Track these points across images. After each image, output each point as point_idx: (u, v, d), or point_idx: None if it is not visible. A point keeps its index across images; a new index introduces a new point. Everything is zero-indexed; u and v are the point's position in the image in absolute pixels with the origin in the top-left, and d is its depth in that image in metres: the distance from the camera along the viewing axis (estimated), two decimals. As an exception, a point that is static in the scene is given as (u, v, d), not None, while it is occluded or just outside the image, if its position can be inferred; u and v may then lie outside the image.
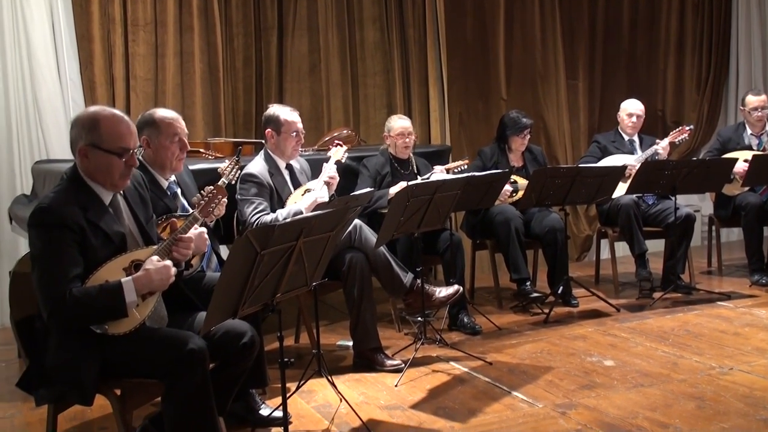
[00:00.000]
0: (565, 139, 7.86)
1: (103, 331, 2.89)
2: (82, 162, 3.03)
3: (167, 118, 3.82)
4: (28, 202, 5.41)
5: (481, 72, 7.56)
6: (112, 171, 3.03)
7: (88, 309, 2.84)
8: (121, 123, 3.05)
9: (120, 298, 2.87)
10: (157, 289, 2.99)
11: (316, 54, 7.00)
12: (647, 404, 3.85)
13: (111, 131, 3.02)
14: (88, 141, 3.00)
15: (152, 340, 2.98)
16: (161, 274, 2.97)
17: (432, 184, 4.49)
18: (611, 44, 8.18)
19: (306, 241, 3.08)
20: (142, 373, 3.02)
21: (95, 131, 3.00)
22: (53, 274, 2.84)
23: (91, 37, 6.13)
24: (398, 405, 4.02)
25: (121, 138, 3.03)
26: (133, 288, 2.90)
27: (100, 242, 2.98)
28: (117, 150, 3.01)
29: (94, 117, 3.03)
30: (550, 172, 5.45)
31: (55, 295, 2.82)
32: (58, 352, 2.92)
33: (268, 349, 4.82)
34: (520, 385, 4.21)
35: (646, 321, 5.38)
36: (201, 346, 2.96)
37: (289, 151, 4.75)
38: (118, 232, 3.05)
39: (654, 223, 6.10)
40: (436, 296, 4.63)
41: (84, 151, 3.01)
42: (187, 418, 2.96)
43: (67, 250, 2.88)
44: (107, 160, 3.01)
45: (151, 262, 2.98)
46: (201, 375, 2.95)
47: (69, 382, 2.92)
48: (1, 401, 4.36)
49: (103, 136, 3.00)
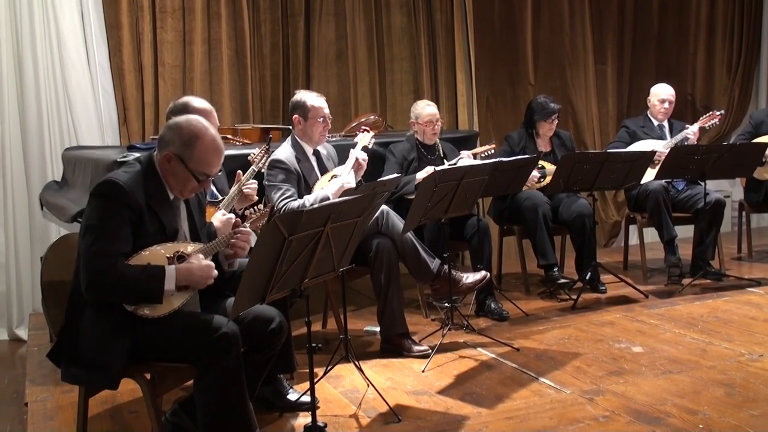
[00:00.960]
0: (594, 124, 7.79)
1: (134, 310, 2.93)
2: (163, 164, 3.09)
3: (199, 109, 3.89)
4: (58, 188, 5.46)
5: (508, 56, 7.51)
6: (186, 185, 3.11)
7: (127, 285, 2.89)
8: (216, 153, 3.10)
9: (160, 284, 2.92)
10: (195, 285, 3.04)
11: (343, 40, 6.99)
12: (676, 391, 3.82)
13: (204, 158, 3.07)
14: (177, 152, 3.06)
15: (185, 324, 3.01)
16: (203, 271, 3.02)
17: (459, 169, 4.47)
18: (640, 27, 8.08)
19: (333, 227, 3.09)
20: (174, 357, 3.05)
21: (190, 149, 3.05)
22: (103, 246, 2.89)
23: (119, 24, 6.17)
24: (425, 390, 4.02)
25: (209, 166, 3.09)
26: (174, 277, 2.95)
27: (154, 230, 3.04)
28: (200, 175, 3.08)
29: (194, 135, 3.07)
30: (578, 157, 5.40)
31: (99, 266, 2.87)
32: (90, 333, 2.96)
33: (296, 334, 4.84)
34: (547, 371, 4.20)
35: (675, 307, 5.34)
36: (234, 330, 2.99)
37: (317, 136, 4.75)
38: (173, 227, 3.12)
39: (683, 209, 6.04)
40: (463, 282, 4.63)
41: (169, 157, 3.07)
42: (219, 402, 2.99)
43: (122, 226, 2.94)
44: (186, 176, 3.08)
45: (197, 258, 3.04)
46: (234, 359, 2.98)
47: (97, 364, 2.96)
48: (34, 385, 4.42)
49: (194, 158, 3.06)
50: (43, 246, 5.64)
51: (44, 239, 5.83)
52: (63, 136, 5.96)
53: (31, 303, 5.92)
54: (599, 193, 7.24)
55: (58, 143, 5.94)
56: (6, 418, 4.31)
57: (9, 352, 5.68)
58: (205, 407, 3.00)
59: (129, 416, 3.91)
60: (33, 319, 5.74)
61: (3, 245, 5.90)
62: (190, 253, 3.07)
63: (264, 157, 4.05)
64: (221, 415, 3.00)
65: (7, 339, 5.89)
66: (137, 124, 6.24)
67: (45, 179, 5.84)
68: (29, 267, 5.89)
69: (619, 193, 7.78)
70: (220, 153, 3.12)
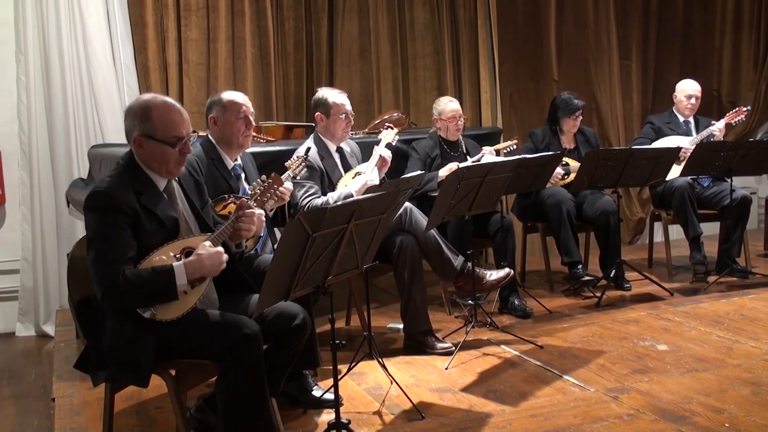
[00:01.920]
0: (618, 121, 7.74)
1: (151, 316, 2.91)
2: (138, 151, 3.08)
3: (234, 97, 4.06)
4: (84, 185, 5.51)
5: (532, 52, 7.47)
6: (167, 159, 3.07)
7: (139, 290, 2.87)
8: (173, 111, 3.07)
9: (171, 281, 2.89)
10: (207, 274, 2.99)
11: (366, 36, 7.00)
12: (701, 389, 3.80)
13: (163, 121, 3.04)
14: (141, 131, 3.04)
15: (206, 324, 3.01)
16: (213, 259, 2.98)
17: (483, 166, 4.46)
18: (665, 22, 8.00)
19: (357, 224, 3.09)
20: (197, 355, 3.06)
21: (148, 121, 3.04)
22: (107, 256, 2.89)
23: (144, 22, 6.21)
24: (449, 388, 4.03)
25: (174, 127, 3.06)
26: (184, 272, 2.92)
27: (154, 227, 3.02)
28: (170, 140, 3.05)
29: (146, 107, 3.06)
30: (602, 154, 5.38)
31: (108, 277, 2.86)
32: (114, 334, 2.97)
33: (320, 331, 4.85)
34: (571, 369, 4.18)
35: (701, 305, 5.30)
36: (254, 331, 2.99)
37: (339, 133, 4.76)
38: (171, 217, 3.09)
39: (709, 206, 6.00)
40: (486, 279, 4.62)
41: (138, 141, 3.06)
42: (240, 401, 3.00)
43: (121, 233, 2.92)
44: (161, 150, 3.04)
45: (204, 247, 2.99)
46: (255, 359, 2.99)
47: (125, 363, 2.97)
48: (61, 381, 4.47)
49: (157, 127, 3.03)
50: (69, 243, 5.69)
51: (71, 236, 5.88)
52: (89, 134, 6.01)
53: (57, 299, 5.98)
54: (624, 190, 7.17)
55: (84, 141, 5.99)
56: (34, 413, 4.36)
57: (36, 348, 5.74)
58: (226, 406, 3.01)
59: (154, 412, 3.94)
60: (60, 315, 5.80)
61: (30, 242, 5.97)
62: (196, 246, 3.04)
63: (300, 166, 4.07)
64: (242, 415, 3.01)
65: (35, 335, 5.96)
66: (162, 122, 6.27)
67: (71, 177, 5.90)
68: (56, 264, 5.96)
69: (644, 190, 7.73)
70: (177, 110, 3.08)
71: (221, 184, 3.95)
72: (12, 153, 6.00)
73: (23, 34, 5.88)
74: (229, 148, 4.05)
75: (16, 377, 5.03)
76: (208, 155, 3.98)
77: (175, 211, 3.14)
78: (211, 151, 4.02)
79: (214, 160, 4.00)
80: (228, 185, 3.98)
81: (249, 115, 4.04)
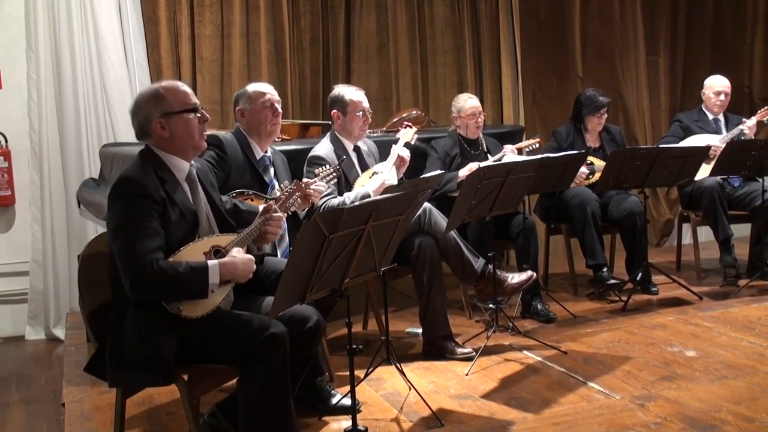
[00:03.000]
0: (645, 118, 7.71)
1: (177, 312, 2.96)
2: (161, 135, 3.15)
3: (259, 87, 4.29)
4: (96, 185, 5.54)
5: (555, 48, 7.46)
6: (191, 131, 3.17)
7: (172, 282, 2.93)
8: (178, 85, 3.25)
9: (204, 279, 2.96)
10: (238, 279, 3.07)
11: (385, 32, 7.01)
12: (731, 397, 3.77)
13: (174, 94, 3.18)
14: (160, 113, 3.14)
15: (230, 323, 3.05)
16: (246, 265, 3.07)
17: (505, 166, 4.46)
18: (694, 16, 7.96)
19: (375, 225, 3.10)
20: (219, 357, 3.08)
21: (163, 101, 3.15)
22: (137, 244, 2.93)
23: (157, 19, 6.25)
24: (469, 394, 4.02)
25: (185, 96, 3.19)
26: (217, 272, 2.99)
27: (177, 217, 3.08)
28: (187, 107, 3.16)
29: (156, 91, 3.20)
30: (628, 153, 5.36)
31: (139, 265, 2.90)
32: (135, 335, 3.00)
33: (336, 335, 4.88)
34: (596, 376, 4.17)
35: (731, 310, 5.27)
36: (282, 331, 3.02)
37: (356, 131, 4.77)
38: (190, 209, 3.15)
39: (740, 207, 5.96)
40: (508, 282, 4.61)
41: (160, 125, 3.14)
42: (264, 404, 3.01)
43: (150, 220, 2.99)
44: (184, 121, 3.16)
45: (238, 251, 3.09)
46: (280, 359, 3.01)
47: (150, 363, 2.99)
48: (71, 385, 4.50)
49: (171, 102, 3.16)
50: (80, 244, 5.73)
51: (81, 237, 5.92)
52: (100, 133, 6.05)
53: (68, 302, 6.03)
54: (651, 190, 7.15)
55: (95, 140, 6.03)
56: (43, 418, 4.40)
57: (46, 352, 5.79)
58: (248, 408, 3.03)
59: (166, 418, 3.96)
60: (70, 319, 5.84)
61: (40, 243, 6.01)
62: (225, 247, 3.11)
63: (330, 175, 4.10)
64: (265, 417, 3.03)
65: (44, 338, 6.01)
66: (175, 120, 6.30)
67: (82, 176, 5.94)
68: (66, 266, 6.00)
69: (672, 191, 7.69)
70: (182, 84, 3.26)
71: (246, 174, 4.19)
72: (22, 152, 6.05)
73: (34, 31, 5.93)
74: (259, 137, 4.28)
75: (25, 382, 5.07)
76: (239, 142, 4.25)
77: (195, 202, 3.20)
78: (242, 140, 4.28)
79: (244, 146, 4.25)
80: (256, 174, 4.22)
81: (275, 103, 4.27)
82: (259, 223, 3.27)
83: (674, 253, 6.74)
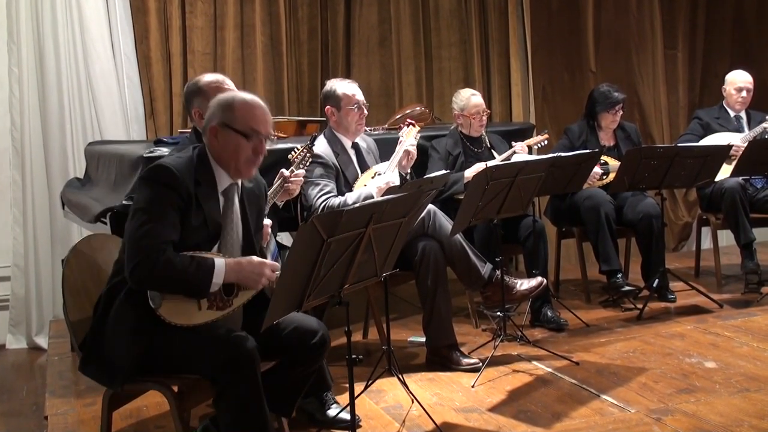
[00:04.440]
0: (662, 116, 7.72)
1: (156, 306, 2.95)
2: (211, 142, 3.18)
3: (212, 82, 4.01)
4: (81, 186, 5.54)
5: (567, 41, 7.46)
6: (238, 153, 3.15)
7: (174, 273, 2.94)
8: (257, 107, 3.20)
9: (208, 277, 2.97)
10: (244, 282, 3.07)
11: (387, 24, 7.01)
12: (753, 411, 3.77)
13: (245, 113, 3.16)
14: (220, 120, 3.16)
15: (201, 337, 3.02)
16: (254, 267, 3.07)
17: (513, 165, 4.46)
18: (715, 8, 7.97)
19: (376, 228, 3.10)
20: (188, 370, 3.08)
21: (230, 111, 3.16)
22: (151, 229, 2.96)
23: (146, 9, 6.26)
24: (475, 407, 4.02)
25: (254, 120, 3.17)
26: (222, 272, 3.00)
27: (198, 225, 3.09)
28: (247, 131, 3.14)
29: (231, 98, 3.21)
30: (645, 152, 5.35)
31: (148, 249, 2.92)
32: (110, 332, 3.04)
33: (335, 344, 4.86)
34: (610, 388, 4.17)
35: (753, 318, 5.26)
36: (251, 347, 2.98)
37: (353, 126, 4.78)
38: (216, 221, 3.16)
39: (763, 210, 5.96)
40: (517, 289, 4.61)
41: (215, 131, 3.16)
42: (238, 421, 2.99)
43: (172, 212, 3.01)
44: (236, 141, 3.14)
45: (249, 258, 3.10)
46: (250, 379, 2.97)
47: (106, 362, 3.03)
48: (55, 397, 4.50)
49: (237, 117, 3.15)
50: (64, 248, 5.73)
51: (66, 241, 5.93)
52: (86, 130, 6.07)
53: (51, 309, 6.04)
54: (668, 191, 7.16)
55: (80, 138, 6.04)
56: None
57: (28, 362, 5.80)
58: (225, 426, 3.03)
59: (155, 431, 3.96)
60: (53, 327, 5.85)
61: (22, 247, 6.02)
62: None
63: (304, 157, 4.11)
64: None
65: (26, 347, 6.02)
66: (165, 117, 6.33)
67: (66, 176, 5.95)
68: (50, 271, 6.01)
69: (691, 192, 7.70)
70: (262, 108, 3.21)
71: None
72: (3, 151, 6.06)
73: (15, 21, 5.94)
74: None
75: (6, 393, 5.08)
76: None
77: (224, 218, 3.20)
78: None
79: None
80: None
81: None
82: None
83: (693, 258, 6.74)
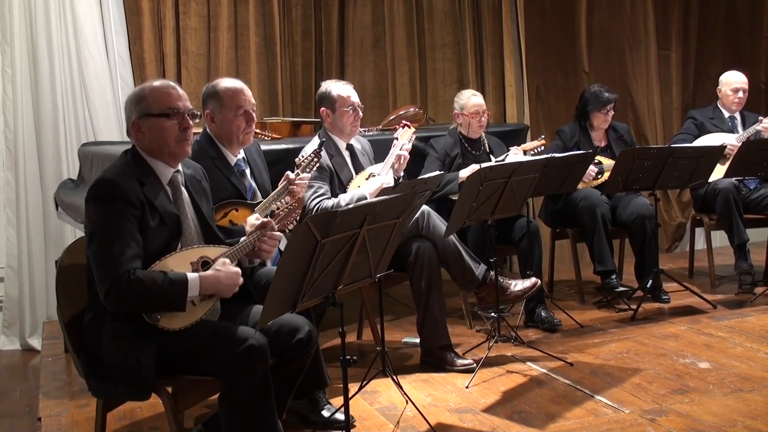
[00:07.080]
0: (656, 116, 7.72)
1: (154, 321, 2.96)
2: (138, 137, 3.17)
3: (230, 89, 3.93)
4: (74, 186, 5.54)
5: (561, 42, 7.46)
6: (165, 136, 3.14)
7: (148, 293, 2.93)
8: (166, 87, 3.20)
9: (182, 292, 2.96)
10: (221, 294, 3.09)
11: (381, 25, 7.02)
12: (747, 411, 3.78)
13: (157, 96, 3.16)
14: (137, 114, 3.15)
15: (209, 335, 3.05)
16: (231, 279, 3.08)
17: (508, 166, 4.47)
18: (708, 8, 7.98)
19: (370, 229, 3.10)
20: (199, 369, 3.09)
21: (143, 101, 3.15)
22: (113, 251, 2.94)
23: (140, 10, 6.26)
24: (469, 408, 4.03)
25: (168, 98, 3.16)
26: (198, 286, 3.00)
27: (156, 222, 3.08)
28: (165, 111, 3.14)
29: (140, 90, 3.20)
30: (638, 153, 5.36)
31: (115, 273, 2.91)
32: (113, 344, 3.01)
33: (329, 345, 4.88)
34: (604, 389, 4.18)
35: (747, 319, 5.28)
36: (261, 343, 3.02)
37: (348, 128, 4.78)
38: (171, 212, 3.15)
39: (756, 210, 5.97)
40: (511, 290, 4.62)
41: (136, 125, 3.15)
42: (246, 420, 3.01)
43: (128, 226, 2.99)
44: (159, 126, 3.13)
45: (224, 264, 3.09)
46: (261, 373, 3.01)
47: (128, 375, 2.99)
48: (48, 399, 4.49)
49: (151, 103, 3.15)
50: (57, 249, 5.73)
51: (59, 242, 5.92)
52: (79, 131, 6.05)
53: (45, 310, 6.02)
54: (662, 192, 7.17)
55: (74, 138, 6.03)
56: (18, 434, 4.40)
57: (21, 363, 5.78)
58: (230, 425, 3.03)
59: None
60: (47, 328, 5.83)
61: (15, 248, 6.00)
62: (214, 259, 3.12)
63: (311, 162, 4.08)
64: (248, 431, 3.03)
65: (20, 349, 5.99)
66: (158, 118, 6.31)
67: (60, 177, 5.93)
68: (43, 272, 5.99)
69: (684, 193, 7.71)
70: (171, 86, 3.21)
71: (223, 183, 3.90)
72: (-4, 152, 6.05)
73: (8, 21, 5.92)
74: (230, 145, 3.98)
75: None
76: (205, 153, 3.90)
77: (177, 208, 3.19)
78: (212, 147, 3.96)
79: (213, 158, 3.93)
80: (230, 184, 3.93)
81: (249, 108, 3.93)
82: (254, 238, 3.27)
83: (686, 259, 6.74)
